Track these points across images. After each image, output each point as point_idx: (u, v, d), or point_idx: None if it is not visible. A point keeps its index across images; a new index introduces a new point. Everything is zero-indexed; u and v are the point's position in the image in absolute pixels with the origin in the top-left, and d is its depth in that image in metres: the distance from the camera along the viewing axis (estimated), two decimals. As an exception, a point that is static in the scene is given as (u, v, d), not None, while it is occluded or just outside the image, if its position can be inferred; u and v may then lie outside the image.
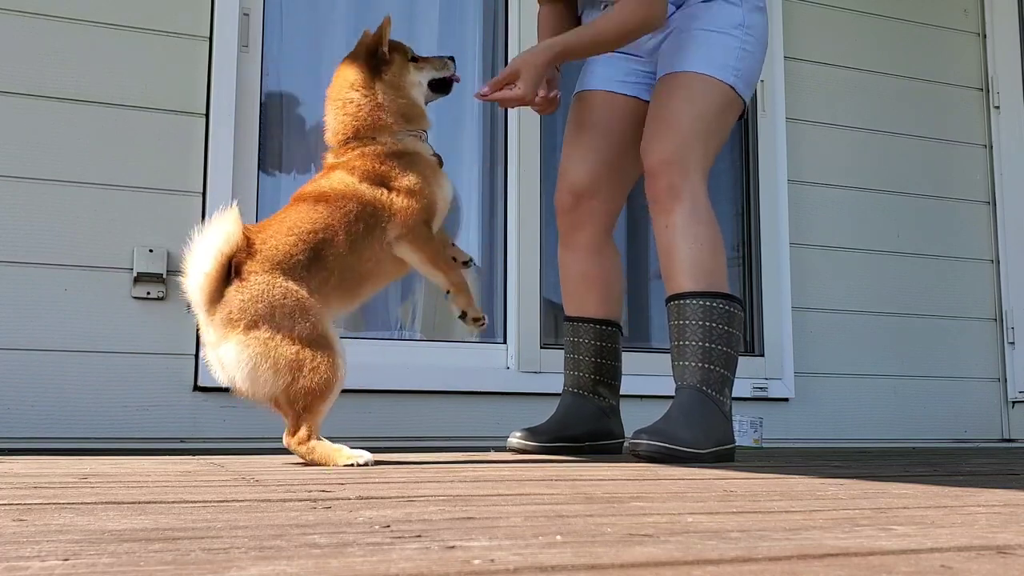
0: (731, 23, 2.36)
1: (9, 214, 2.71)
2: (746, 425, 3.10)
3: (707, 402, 2.18)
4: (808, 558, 0.77)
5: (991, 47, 4.04)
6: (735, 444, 2.26)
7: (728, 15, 2.37)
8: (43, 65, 2.79)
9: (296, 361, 1.82)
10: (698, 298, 2.22)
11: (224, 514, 1.03)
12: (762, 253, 3.59)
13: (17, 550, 0.77)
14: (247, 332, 1.81)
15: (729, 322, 2.22)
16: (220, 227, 1.85)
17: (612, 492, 1.34)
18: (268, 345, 1.81)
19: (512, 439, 2.48)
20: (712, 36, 2.35)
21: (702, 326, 2.20)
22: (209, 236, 1.84)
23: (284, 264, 1.88)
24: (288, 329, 1.82)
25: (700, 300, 2.21)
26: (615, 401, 2.54)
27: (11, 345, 2.65)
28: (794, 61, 3.73)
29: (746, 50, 2.36)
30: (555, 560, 0.74)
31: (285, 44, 3.25)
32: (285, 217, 1.97)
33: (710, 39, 2.35)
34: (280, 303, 1.84)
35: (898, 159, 3.86)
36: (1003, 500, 1.29)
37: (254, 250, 1.88)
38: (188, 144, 2.89)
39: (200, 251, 1.84)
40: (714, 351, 2.19)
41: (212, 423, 2.83)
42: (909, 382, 3.75)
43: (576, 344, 2.51)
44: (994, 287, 3.94)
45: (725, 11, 2.37)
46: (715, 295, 2.22)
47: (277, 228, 1.93)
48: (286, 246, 1.90)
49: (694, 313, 2.21)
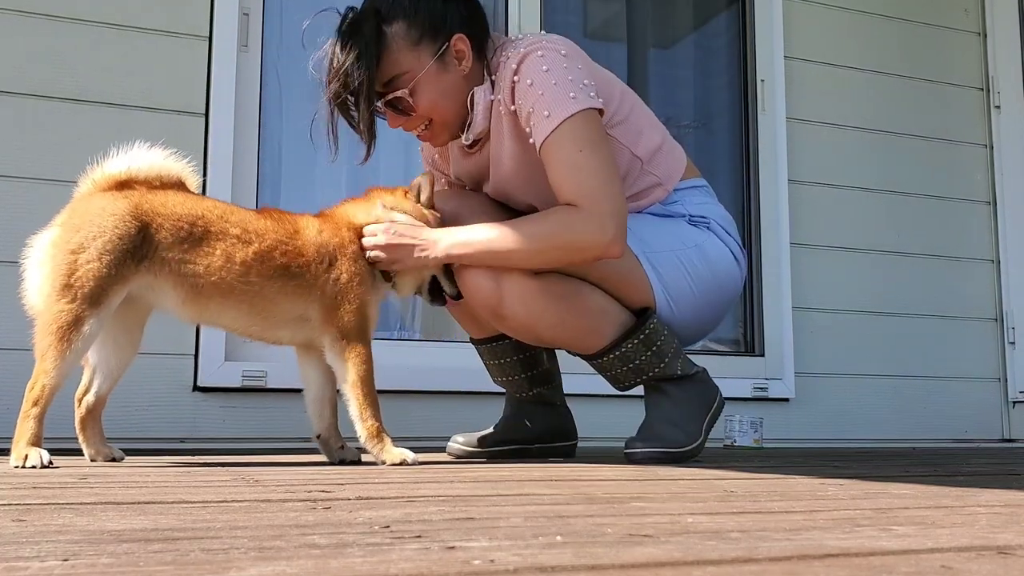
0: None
1: (9, 214, 2.71)
2: (746, 425, 3.10)
3: (678, 388, 2.15)
4: (808, 558, 0.77)
5: (991, 47, 4.04)
6: (717, 394, 2.21)
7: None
8: (43, 65, 2.79)
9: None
10: (609, 352, 2.11)
11: (224, 514, 1.03)
12: (762, 253, 3.59)
13: (16, 550, 0.77)
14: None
15: (649, 345, 2.10)
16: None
17: (612, 492, 1.34)
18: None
19: (453, 444, 2.37)
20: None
21: (634, 368, 2.13)
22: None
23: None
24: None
25: (613, 353, 2.11)
26: (561, 400, 2.43)
27: (11, 345, 2.65)
28: (794, 61, 3.72)
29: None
30: (555, 560, 0.74)
31: (285, 44, 3.25)
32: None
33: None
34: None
35: (898, 159, 3.86)
36: (1004, 500, 1.29)
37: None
38: (188, 144, 2.88)
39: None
40: (657, 365, 2.13)
41: (212, 423, 2.83)
42: (909, 382, 3.75)
43: (501, 366, 2.34)
44: (994, 287, 3.94)
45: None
46: (623, 337, 2.10)
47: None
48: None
49: (618, 363, 2.13)
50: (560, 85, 1.99)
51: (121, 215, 1.78)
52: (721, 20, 3.92)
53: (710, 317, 2.22)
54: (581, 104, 1.99)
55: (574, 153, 1.97)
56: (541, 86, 1.99)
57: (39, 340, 1.74)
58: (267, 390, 2.88)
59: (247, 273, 1.84)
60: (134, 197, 1.81)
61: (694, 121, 3.85)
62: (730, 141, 3.79)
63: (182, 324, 2.71)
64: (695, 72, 3.92)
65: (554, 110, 1.98)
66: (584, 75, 2.03)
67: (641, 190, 2.21)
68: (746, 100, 3.74)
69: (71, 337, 1.72)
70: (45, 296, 1.75)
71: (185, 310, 1.86)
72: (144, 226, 1.79)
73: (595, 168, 1.97)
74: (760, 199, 3.63)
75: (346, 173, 3.32)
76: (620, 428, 2.53)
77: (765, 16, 3.73)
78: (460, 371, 3.02)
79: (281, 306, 1.88)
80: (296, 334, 1.95)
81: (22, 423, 1.73)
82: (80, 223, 1.77)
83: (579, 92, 1.99)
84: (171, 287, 1.82)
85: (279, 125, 3.21)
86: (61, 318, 1.72)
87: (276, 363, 2.89)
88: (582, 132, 1.98)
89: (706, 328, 2.25)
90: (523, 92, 2.02)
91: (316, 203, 3.29)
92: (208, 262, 1.82)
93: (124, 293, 1.79)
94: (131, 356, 1.97)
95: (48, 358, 1.73)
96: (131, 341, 1.95)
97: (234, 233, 1.85)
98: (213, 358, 2.85)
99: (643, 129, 2.20)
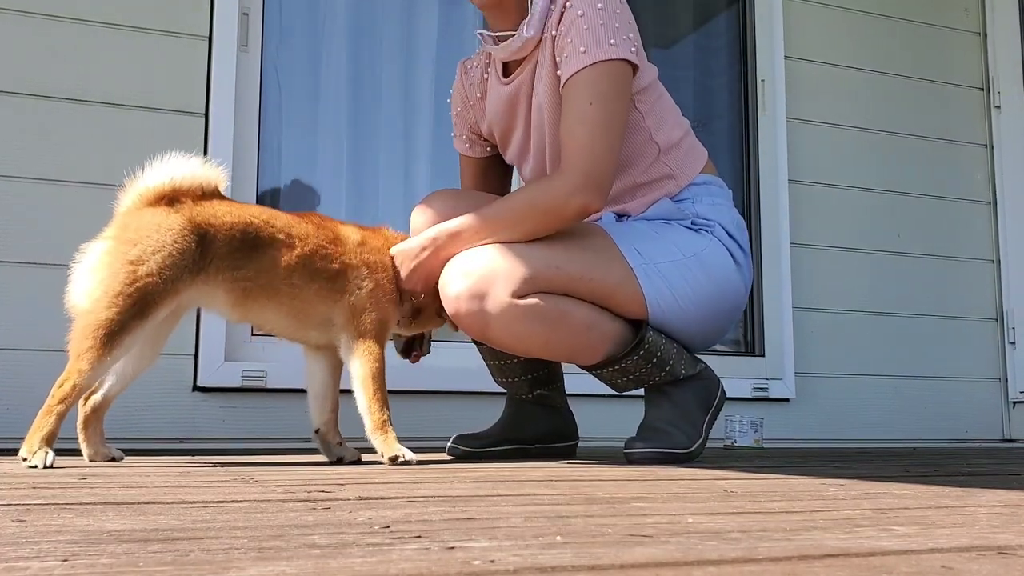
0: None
1: (9, 214, 2.71)
2: (746, 425, 3.10)
3: (678, 388, 2.15)
4: (809, 559, 0.77)
5: (992, 46, 4.04)
6: (719, 390, 2.21)
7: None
8: (43, 65, 2.79)
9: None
10: (606, 366, 2.11)
11: (223, 515, 1.03)
12: (762, 253, 3.59)
13: (16, 550, 0.77)
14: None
15: (649, 358, 2.09)
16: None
17: (612, 492, 1.34)
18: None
19: (453, 444, 2.35)
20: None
21: (635, 378, 2.13)
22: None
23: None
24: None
25: (611, 367, 2.11)
26: (563, 402, 2.43)
27: (11, 345, 2.65)
28: (794, 61, 3.72)
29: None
30: (555, 561, 0.74)
31: (285, 44, 3.25)
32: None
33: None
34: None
35: (898, 159, 3.86)
36: (1004, 500, 1.29)
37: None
38: (188, 144, 2.88)
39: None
40: (659, 374, 2.13)
41: (212, 423, 2.83)
42: (910, 382, 3.75)
43: (502, 367, 2.33)
44: (995, 287, 3.94)
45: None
46: (621, 353, 2.08)
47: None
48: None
49: (618, 375, 2.13)
50: (607, 26, 1.99)
51: (179, 230, 1.80)
52: (721, 20, 3.92)
53: (713, 326, 2.19)
54: (619, 52, 1.99)
55: (584, 104, 1.98)
56: (589, 20, 2.00)
57: (78, 341, 1.74)
58: (267, 390, 2.88)
59: (291, 276, 1.89)
60: (186, 211, 1.83)
61: (694, 121, 3.80)
62: (730, 141, 3.79)
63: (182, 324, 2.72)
64: (695, 72, 3.92)
65: (591, 49, 1.98)
66: (631, 29, 2.05)
67: (653, 179, 2.19)
68: (746, 100, 3.74)
69: (113, 344, 1.74)
70: (95, 300, 1.75)
71: (234, 312, 1.91)
72: (201, 239, 1.81)
73: (593, 124, 1.98)
74: (760, 199, 3.63)
75: (346, 172, 3.32)
76: (620, 428, 2.53)
77: (765, 16, 3.73)
78: (460, 371, 3.01)
79: (316, 308, 1.93)
80: (322, 336, 1.99)
81: (43, 416, 1.74)
82: (136, 237, 1.78)
83: (621, 41, 2.00)
84: (223, 292, 1.86)
85: (279, 125, 3.21)
86: (109, 325, 1.73)
87: (276, 363, 2.89)
88: (603, 83, 1.99)
89: (711, 336, 2.22)
90: (570, 20, 2.03)
91: (316, 203, 3.31)
92: (258, 267, 1.86)
93: (174, 306, 1.83)
94: (150, 363, 1.99)
95: (85, 359, 1.73)
96: (155, 349, 1.98)
97: (280, 238, 1.89)
98: (213, 358, 2.85)
99: (666, 117, 2.19)
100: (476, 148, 2.41)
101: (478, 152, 2.41)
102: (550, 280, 2.00)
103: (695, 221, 2.17)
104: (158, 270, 1.76)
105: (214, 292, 1.86)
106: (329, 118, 3.31)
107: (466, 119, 2.39)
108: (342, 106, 3.32)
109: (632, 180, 2.19)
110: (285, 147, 3.23)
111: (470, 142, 2.40)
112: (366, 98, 3.35)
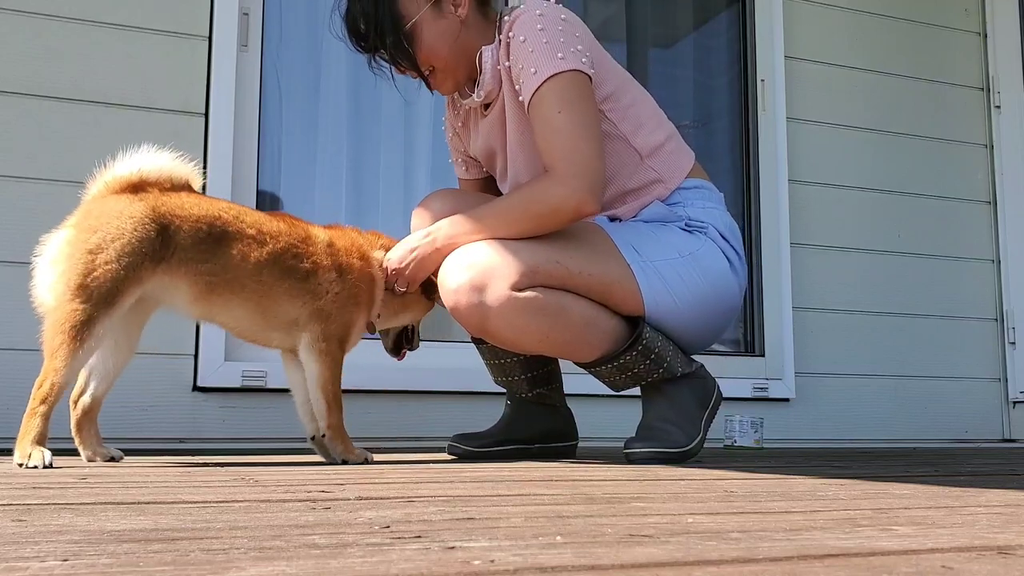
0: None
1: (9, 214, 2.71)
2: (747, 425, 3.10)
3: (675, 387, 2.15)
4: (809, 559, 0.77)
5: (992, 47, 4.04)
6: (715, 388, 2.21)
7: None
8: (43, 65, 2.79)
9: None
10: (604, 363, 2.12)
11: (224, 514, 1.03)
12: (762, 253, 3.59)
13: (16, 550, 0.77)
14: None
15: (647, 355, 2.10)
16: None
17: (612, 492, 1.34)
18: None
19: (453, 444, 2.37)
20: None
21: (633, 375, 2.14)
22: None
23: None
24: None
25: (609, 363, 2.11)
26: (562, 402, 2.44)
27: (11, 345, 2.65)
28: (794, 60, 3.72)
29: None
30: (555, 561, 0.74)
31: (285, 44, 3.25)
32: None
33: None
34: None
35: (898, 159, 3.86)
36: (1004, 500, 1.29)
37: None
38: (188, 144, 2.88)
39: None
40: (657, 371, 2.13)
41: (212, 423, 2.83)
42: (910, 382, 3.75)
43: (501, 366, 2.34)
44: (995, 287, 3.94)
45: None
46: (619, 350, 2.09)
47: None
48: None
49: (616, 372, 2.14)
50: (551, 44, 2.01)
51: (140, 218, 1.78)
52: (721, 20, 3.92)
53: (709, 326, 2.19)
54: (569, 64, 2.01)
55: (552, 115, 2.00)
56: (532, 43, 2.02)
57: (50, 338, 1.74)
58: (267, 390, 2.88)
59: (260, 272, 1.87)
60: (150, 200, 1.82)
61: (694, 121, 3.85)
62: (730, 141, 3.79)
63: (182, 324, 2.73)
64: (695, 72, 3.92)
65: (541, 67, 2.00)
66: (579, 42, 2.05)
67: (641, 185, 2.20)
68: (746, 100, 3.74)
69: (83, 336, 1.72)
70: (58, 295, 1.75)
71: (194, 307, 1.88)
72: (163, 228, 1.80)
73: (570, 129, 1.99)
74: (760, 199, 3.63)
75: (346, 173, 3.32)
76: (620, 428, 2.54)
77: (765, 16, 3.73)
78: (460, 371, 3.02)
79: (284, 307, 1.91)
80: (285, 338, 1.98)
81: (28, 420, 1.73)
82: (97, 224, 1.77)
83: (568, 54, 2.01)
84: (187, 285, 1.84)
85: (279, 125, 3.22)
86: (75, 317, 1.72)
87: (276, 363, 2.87)
88: (564, 92, 2.00)
89: (706, 337, 2.22)
90: (516, 48, 2.05)
91: (316, 203, 3.31)
92: (225, 262, 1.84)
93: (138, 294, 1.81)
94: (128, 358, 1.97)
95: (59, 356, 1.72)
96: (129, 343, 1.96)
97: (250, 233, 1.88)
98: (213, 358, 2.85)
99: (643, 122, 2.19)
100: (473, 170, 2.44)
101: (475, 174, 2.44)
102: (550, 274, 2.01)
103: (689, 223, 2.18)
104: (116, 257, 1.74)
105: (177, 284, 1.83)
106: (329, 118, 3.31)
107: (457, 145, 2.44)
108: (342, 106, 3.32)
109: (620, 187, 2.20)
110: (285, 147, 3.23)
111: (466, 164, 2.44)
112: (366, 98, 3.35)
